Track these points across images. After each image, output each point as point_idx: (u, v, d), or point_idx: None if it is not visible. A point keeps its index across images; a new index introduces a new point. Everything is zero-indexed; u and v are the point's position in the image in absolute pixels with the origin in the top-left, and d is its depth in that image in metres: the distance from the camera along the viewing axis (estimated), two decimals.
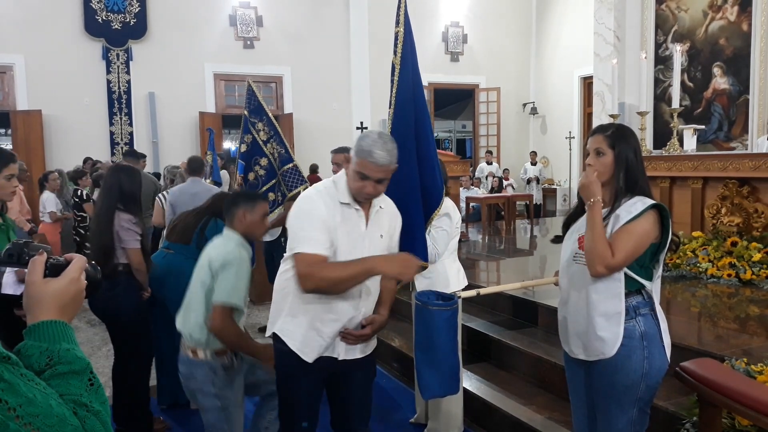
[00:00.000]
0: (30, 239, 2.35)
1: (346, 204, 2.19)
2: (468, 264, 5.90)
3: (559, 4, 13.11)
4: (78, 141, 10.22)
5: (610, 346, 2.07)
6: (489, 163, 13.04)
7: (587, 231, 2.09)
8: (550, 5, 13.37)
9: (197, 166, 5.28)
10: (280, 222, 4.41)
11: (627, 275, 2.07)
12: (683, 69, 8.48)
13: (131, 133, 10.75)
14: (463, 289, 3.18)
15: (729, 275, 4.60)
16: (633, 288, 2.10)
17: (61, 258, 1.09)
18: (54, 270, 1.05)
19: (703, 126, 7.86)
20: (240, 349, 2.62)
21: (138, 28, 10.69)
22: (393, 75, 2.79)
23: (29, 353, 0.97)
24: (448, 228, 3.09)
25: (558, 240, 2.49)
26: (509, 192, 11.93)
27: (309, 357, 2.23)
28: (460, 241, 3.79)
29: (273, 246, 5.07)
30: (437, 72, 12.78)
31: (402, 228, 2.43)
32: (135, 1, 10.63)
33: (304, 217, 2.17)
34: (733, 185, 4.87)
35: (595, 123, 9.05)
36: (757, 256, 4.57)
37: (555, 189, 13.30)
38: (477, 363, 4.11)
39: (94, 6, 10.44)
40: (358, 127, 11.87)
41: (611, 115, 5.98)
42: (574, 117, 12.83)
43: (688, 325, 3.87)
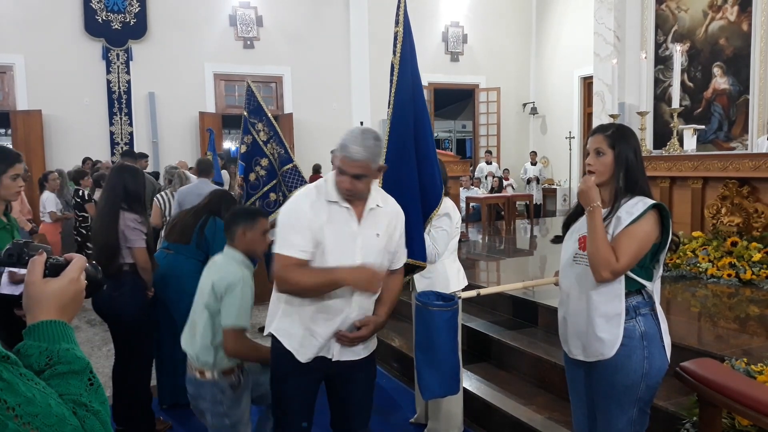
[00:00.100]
0: (30, 239, 2.35)
1: (334, 202, 2.17)
2: (468, 264, 5.89)
3: (559, 4, 13.11)
4: (78, 141, 10.23)
5: (609, 347, 2.07)
6: (488, 163, 13.03)
7: (589, 237, 2.08)
8: (550, 5, 13.37)
9: (205, 167, 5.49)
10: None
11: (627, 276, 2.07)
12: (683, 69, 8.48)
13: (131, 133, 10.75)
14: (463, 289, 3.18)
15: (729, 275, 4.60)
16: (633, 288, 2.09)
17: (61, 258, 1.09)
18: (54, 270, 1.05)
19: (703, 126, 7.86)
20: (259, 361, 2.66)
21: (138, 28, 10.69)
22: (392, 75, 2.79)
23: (29, 353, 0.97)
24: (448, 228, 3.09)
25: (558, 240, 2.49)
26: (509, 192, 11.93)
27: (303, 357, 2.22)
28: (460, 241, 3.79)
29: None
30: (437, 72, 12.78)
31: None
32: (135, 1, 10.63)
33: (285, 219, 2.19)
34: (733, 185, 4.87)
35: (595, 123, 9.04)
36: (757, 256, 4.57)
37: (555, 189, 13.29)
38: (477, 363, 4.11)
39: (94, 6, 10.44)
40: None
41: (611, 115, 5.98)
42: (574, 117, 12.83)
43: (688, 325, 3.87)
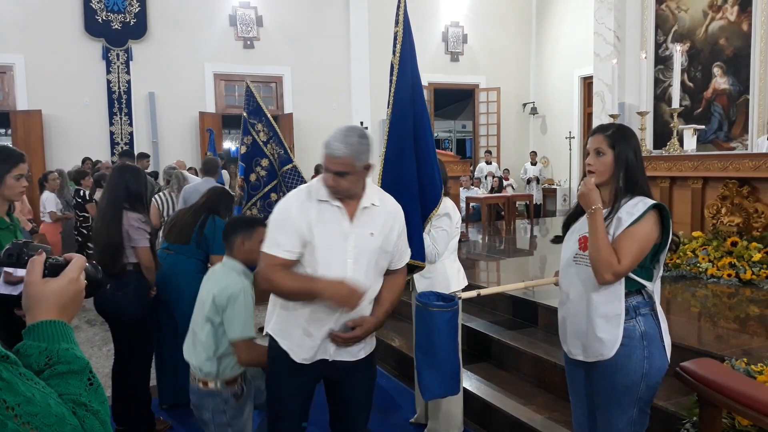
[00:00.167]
0: (31, 239, 2.34)
1: (324, 201, 2.16)
2: (468, 264, 5.89)
3: (559, 4, 13.11)
4: (78, 141, 10.23)
5: (609, 347, 2.07)
6: (488, 163, 13.03)
7: (591, 240, 2.07)
8: (550, 5, 13.37)
9: (211, 167, 5.68)
10: None
11: (627, 276, 2.06)
12: (683, 69, 8.48)
13: (131, 133, 10.75)
14: (464, 290, 3.18)
15: (729, 275, 4.60)
16: (633, 288, 2.09)
17: (61, 258, 1.09)
18: (53, 270, 1.05)
19: (703, 126, 7.85)
20: None
21: (138, 28, 10.69)
22: (391, 75, 2.78)
23: (28, 353, 0.97)
24: (448, 228, 3.09)
25: (558, 240, 2.49)
26: (509, 192, 11.92)
27: (298, 357, 2.22)
28: (460, 241, 3.79)
29: None
30: (437, 72, 12.78)
31: None
32: (135, 1, 10.63)
33: (273, 219, 2.22)
34: (733, 185, 4.87)
35: (595, 123, 9.04)
36: (757, 256, 4.57)
37: (555, 189, 13.30)
38: (477, 363, 4.11)
39: (94, 6, 10.44)
40: None
41: (611, 115, 5.98)
42: (574, 117, 12.83)
43: (688, 325, 3.87)
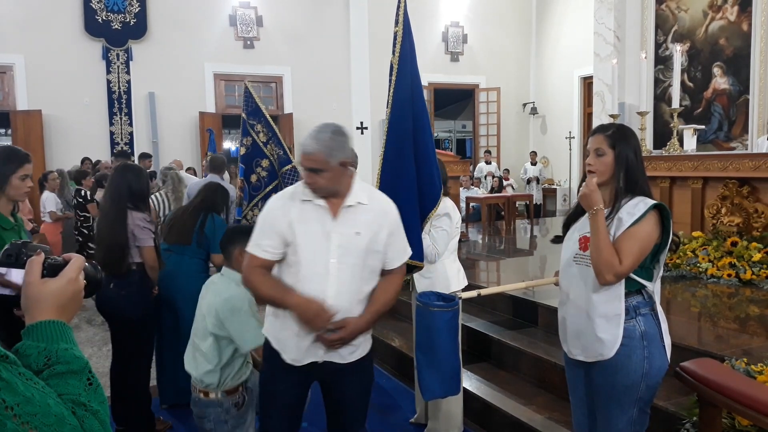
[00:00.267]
0: (32, 239, 2.34)
1: (307, 201, 2.15)
2: (468, 264, 5.89)
3: (559, 4, 13.10)
4: (78, 141, 10.22)
5: (609, 347, 2.07)
6: (488, 163, 13.03)
7: (592, 240, 2.07)
8: (550, 5, 13.37)
9: (218, 164, 5.76)
10: None
11: (628, 276, 2.06)
12: (683, 69, 8.47)
13: (131, 133, 10.75)
14: (463, 290, 3.17)
15: (729, 275, 4.60)
16: (633, 288, 2.09)
17: (60, 258, 1.09)
18: (52, 270, 1.05)
19: (703, 126, 7.85)
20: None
21: (138, 28, 10.68)
22: (391, 75, 2.78)
23: (27, 353, 0.96)
24: (448, 228, 3.09)
25: (558, 240, 2.49)
26: (509, 192, 11.92)
27: (288, 357, 2.21)
28: (460, 241, 3.79)
29: None
30: (437, 72, 12.77)
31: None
32: (135, 1, 10.62)
33: (259, 220, 2.25)
34: (733, 185, 4.87)
35: (595, 123, 9.04)
36: (757, 256, 4.57)
37: (555, 189, 13.29)
38: (477, 363, 4.11)
39: (94, 6, 10.43)
40: (358, 127, 11.87)
41: (611, 115, 5.98)
42: (574, 117, 12.82)
43: (688, 325, 3.87)
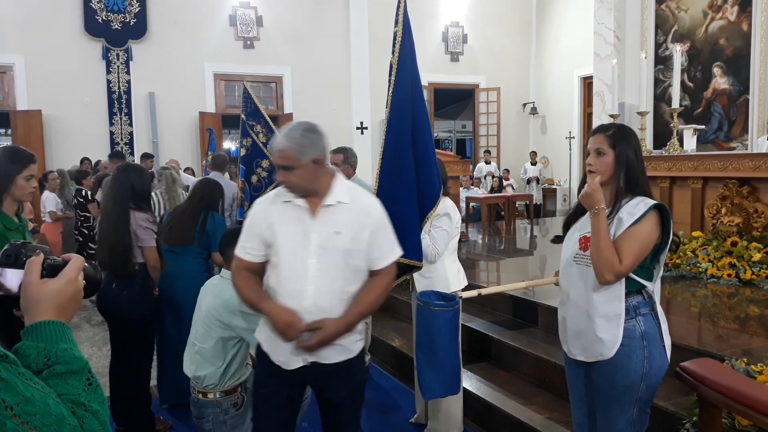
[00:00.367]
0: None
1: (288, 201, 2.14)
2: (468, 264, 5.89)
3: (559, 4, 13.10)
4: (78, 141, 10.21)
5: (609, 347, 2.07)
6: (488, 163, 13.03)
7: (593, 240, 2.07)
8: (550, 5, 13.36)
9: (220, 162, 5.84)
10: None
11: (628, 276, 2.06)
12: (683, 69, 8.47)
13: (131, 133, 10.75)
14: (463, 289, 3.17)
15: (729, 275, 4.60)
16: (633, 288, 2.09)
17: (59, 258, 1.08)
18: (51, 270, 1.05)
19: (703, 126, 7.85)
20: None
21: (138, 28, 10.68)
22: (390, 75, 2.78)
23: (27, 353, 0.96)
24: (448, 228, 3.08)
25: (558, 240, 2.49)
26: (509, 192, 11.92)
27: (275, 358, 2.21)
28: (460, 241, 3.79)
29: None
30: (437, 72, 12.77)
31: (394, 228, 2.29)
32: (135, 1, 10.62)
33: (245, 223, 2.30)
34: (733, 185, 4.87)
35: (595, 123, 9.04)
36: (757, 256, 4.57)
37: (555, 189, 13.29)
38: (477, 363, 4.11)
39: (94, 6, 10.43)
40: (358, 127, 11.88)
41: (611, 115, 5.98)
42: (574, 117, 12.82)
43: (688, 325, 3.87)
